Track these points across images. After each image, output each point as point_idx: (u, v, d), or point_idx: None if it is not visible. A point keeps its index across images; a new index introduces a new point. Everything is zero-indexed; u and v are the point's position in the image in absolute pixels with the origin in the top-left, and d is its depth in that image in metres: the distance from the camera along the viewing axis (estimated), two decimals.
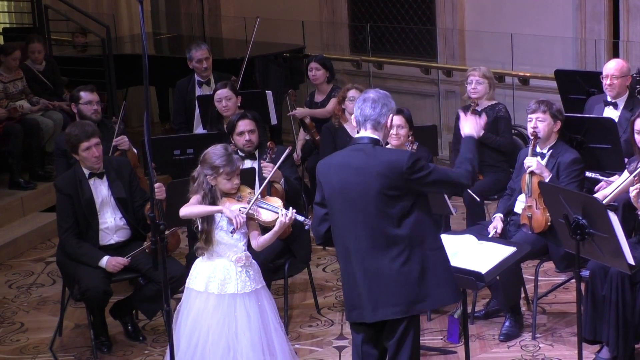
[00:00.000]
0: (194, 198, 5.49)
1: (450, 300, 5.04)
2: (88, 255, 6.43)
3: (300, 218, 5.46)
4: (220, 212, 5.41)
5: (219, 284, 5.44)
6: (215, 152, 5.45)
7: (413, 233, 4.81)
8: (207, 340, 5.41)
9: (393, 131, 6.61)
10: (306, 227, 5.59)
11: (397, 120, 6.61)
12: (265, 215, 5.45)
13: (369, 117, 4.87)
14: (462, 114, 5.40)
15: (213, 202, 5.45)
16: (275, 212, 5.43)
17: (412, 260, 4.81)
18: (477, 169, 5.01)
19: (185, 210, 5.48)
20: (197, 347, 5.41)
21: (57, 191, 6.58)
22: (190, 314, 5.46)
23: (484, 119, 5.43)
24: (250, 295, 5.47)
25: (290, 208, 5.45)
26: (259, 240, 5.48)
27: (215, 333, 5.42)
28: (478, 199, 7.14)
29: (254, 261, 5.56)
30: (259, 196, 5.49)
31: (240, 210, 5.41)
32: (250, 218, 5.45)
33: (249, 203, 5.44)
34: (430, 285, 4.84)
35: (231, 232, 5.41)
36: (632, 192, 5.68)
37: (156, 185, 6.21)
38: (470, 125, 5.17)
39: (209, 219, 5.46)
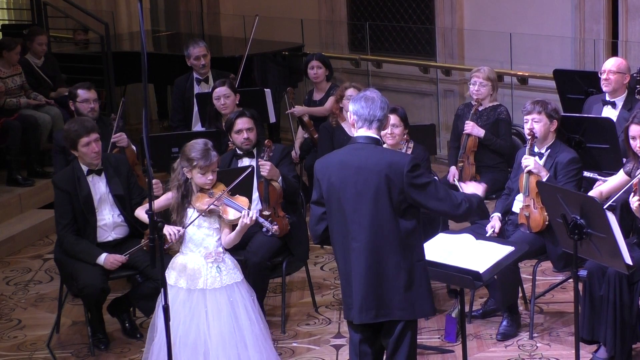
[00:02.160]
0: (164, 195, 5.69)
1: (428, 314, 5.07)
2: (86, 252, 6.43)
3: (266, 224, 5.52)
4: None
5: (188, 279, 5.56)
6: (193, 145, 5.58)
7: (405, 240, 4.82)
8: (177, 333, 5.49)
9: (388, 130, 6.61)
10: (269, 233, 5.61)
11: (392, 119, 6.61)
12: (230, 214, 5.52)
13: (376, 117, 4.86)
14: (462, 185, 5.43)
15: (186, 195, 5.59)
16: (239, 212, 5.49)
17: (402, 268, 4.83)
18: (473, 213, 5.03)
19: (136, 211, 5.73)
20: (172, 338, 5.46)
21: (55, 188, 6.57)
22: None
23: (483, 185, 5.45)
24: (220, 291, 5.55)
25: (253, 210, 5.50)
26: (226, 239, 5.60)
27: (185, 326, 5.52)
28: None
29: (228, 257, 5.64)
30: (226, 193, 5.54)
31: (178, 229, 5.56)
32: (218, 215, 5.56)
33: (217, 199, 5.52)
34: (414, 295, 4.87)
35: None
36: (634, 205, 5.68)
37: (153, 181, 6.26)
38: (473, 187, 5.24)
39: (180, 213, 5.59)
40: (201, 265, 5.57)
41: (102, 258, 6.39)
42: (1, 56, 9.37)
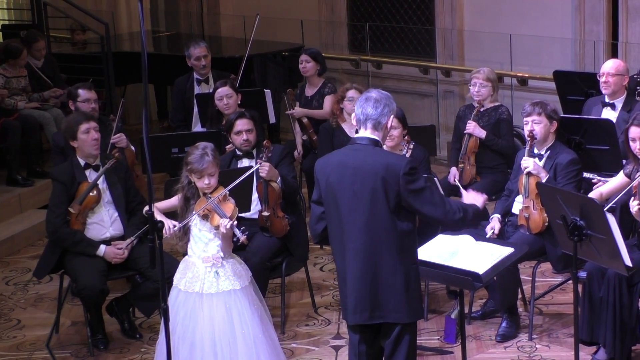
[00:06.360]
0: (172, 198, 5.71)
1: (419, 317, 5.08)
2: (85, 243, 6.44)
3: (237, 233, 5.50)
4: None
5: (187, 280, 5.57)
6: (193, 149, 5.59)
7: (402, 242, 4.82)
8: (175, 332, 5.50)
9: None
10: (238, 243, 5.60)
11: None
12: (214, 219, 5.53)
13: (370, 116, 4.86)
14: (463, 192, 5.38)
15: (191, 197, 5.60)
16: (220, 218, 5.49)
17: (399, 270, 4.83)
18: (467, 223, 4.99)
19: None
20: (172, 338, 5.46)
21: (52, 180, 6.62)
22: (169, 305, 5.54)
23: (484, 197, 5.33)
24: (217, 297, 5.53)
25: (230, 221, 5.47)
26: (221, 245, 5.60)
27: (183, 327, 5.53)
28: None
29: (231, 263, 5.60)
30: (216, 199, 5.53)
31: (174, 224, 5.57)
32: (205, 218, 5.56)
33: (208, 204, 5.52)
34: (409, 298, 4.87)
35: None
36: (634, 209, 5.68)
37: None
38: (473, 197, 5.18)
39: (184, 216, 5.59)
40: (200, 269, 5.56)
41: (102, 249, 6.41)
42: (8, 62, 9.40)
